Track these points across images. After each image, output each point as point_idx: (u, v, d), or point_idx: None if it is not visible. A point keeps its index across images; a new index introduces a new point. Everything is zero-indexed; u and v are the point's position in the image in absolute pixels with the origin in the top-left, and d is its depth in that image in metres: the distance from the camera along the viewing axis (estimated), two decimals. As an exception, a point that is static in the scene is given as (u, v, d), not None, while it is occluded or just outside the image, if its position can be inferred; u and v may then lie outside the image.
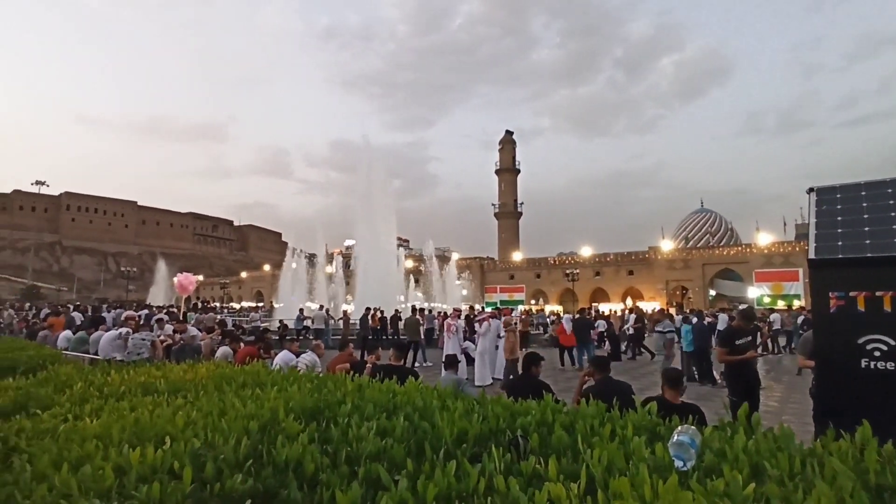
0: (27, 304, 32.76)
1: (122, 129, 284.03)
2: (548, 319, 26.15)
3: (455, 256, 52.03)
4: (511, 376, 11.49)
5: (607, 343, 18.38)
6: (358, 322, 20.54)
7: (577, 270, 52.28)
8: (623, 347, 18.88)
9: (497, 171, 78.70)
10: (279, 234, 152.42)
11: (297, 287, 36.37)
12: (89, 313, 21.00)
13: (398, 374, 3.51)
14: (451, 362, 7.32)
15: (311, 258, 40.62)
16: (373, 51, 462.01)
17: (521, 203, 78.30)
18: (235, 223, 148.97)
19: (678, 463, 1.31)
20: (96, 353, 11.05)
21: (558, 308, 43.42)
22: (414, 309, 18.89)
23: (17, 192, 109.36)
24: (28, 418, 1.95)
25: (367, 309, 20.22)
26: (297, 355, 7.45)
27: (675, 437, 1.37)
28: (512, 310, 16.35)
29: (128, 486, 1.23)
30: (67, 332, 14.63)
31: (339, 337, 19.35)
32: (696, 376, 12.17)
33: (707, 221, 69.43)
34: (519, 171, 79.16)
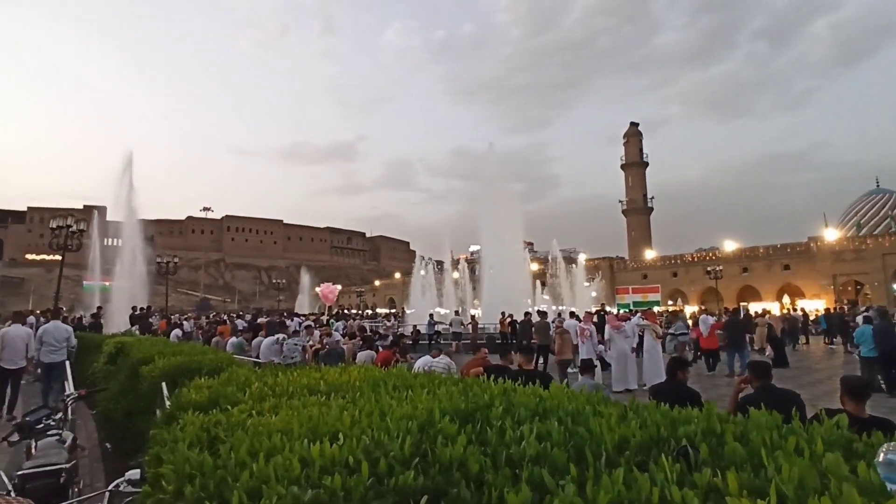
0: (202, 315, 37.65)
1: (268, 155, 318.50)
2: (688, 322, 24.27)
3: (582, 257, 50.41)
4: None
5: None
6: (487, 326, 20.75)
7: (721, 267, 47.54)
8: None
9: (623, 166, 74.91)
10: (407, 243, 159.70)
11: (427, 293, 37.75)
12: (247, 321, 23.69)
13: (532, 378, 3.48)
14: (587, 367, 7.11)
15: (439, 265, 41.98)
16: (488, 58, 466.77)
17: (652, 198, 73.63)
18: (367, 235, 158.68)
19: (892, 486, 1.13)
20: (258, 357, 12.45)
21: (695, 309, 40.08)
22: (541, 313, 18.62)
23: (189, 218, 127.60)
24: (221, 413, 2.23)
25: (502, 313, 20.31)
26: (435, 359, 7.73)
27: (884, 456, 1.18)
28: (651, 311, 15.39)
29: (312, 476, 1.35)
30: (234, 338, 16.66)
31: (470, 341, 19.70)
32: (883, 386, 10.41)
33: (886, 203, 59.18)
34: (647, 165, 74.63)
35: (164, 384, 4.95)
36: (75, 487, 3.80)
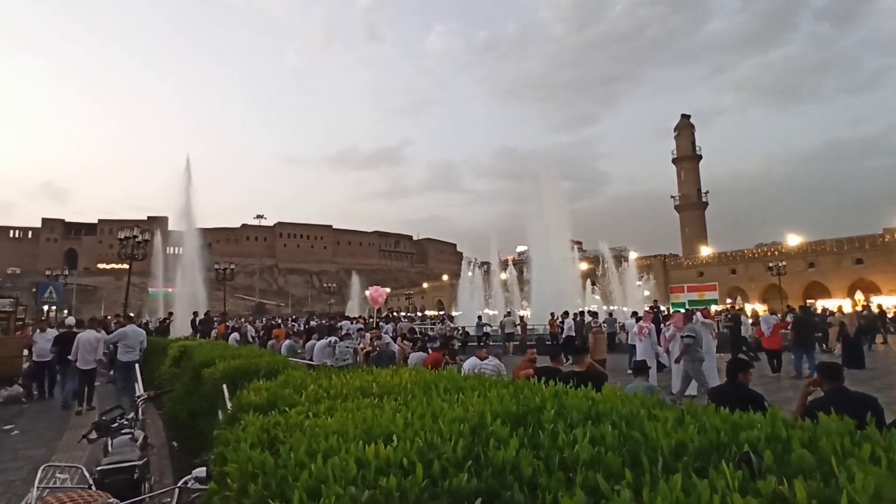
0: (257, 319, 39.01)
1: (317, 162, 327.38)
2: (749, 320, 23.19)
3: (633, 256, 49.00)
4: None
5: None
6: (536, 327, 20.52)
7: (784, 262, 44.96)
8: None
9: (675, 160, 72.26)
10: (454, 245, 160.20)
11: (475, 295, 37.72)
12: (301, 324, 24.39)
13: (585, 381, 3.42)
14: (641, 368, 6.91)
15: (486, 266, 41.87)
16: (531, 56, 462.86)
17: (706, 192, 70.63)
18: (414, 238, 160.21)
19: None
20: (311, 359, 12.81)
21: (761, 307, 38.19)
22: (591, 313, 18.24)
23: (244, 226, 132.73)
24: (280, 414, 2.32)
25: (552, 314, 20.06)
26: (483, 361, 7.72)
27: None
28: (707, 310, 14.82)
29: (368, 477, 1.39)
30: (287, 341, 17.21)
31: (520, 342, 19.55)
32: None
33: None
34: (700, 158, 71.72)
35: (224, 386, 5.18)
36: (147, 483, 4.02)
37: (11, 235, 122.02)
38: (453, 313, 40.17)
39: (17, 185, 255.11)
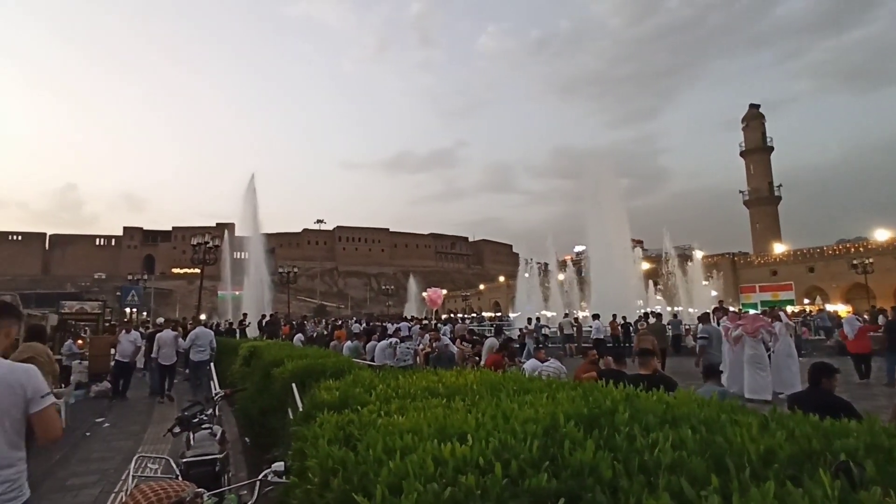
0: (321, 320, 40.25)
1: (374, 167, 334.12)
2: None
3: (699, 254, 46.85)
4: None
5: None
6: (595, 329, 20.05)
7: (871, 259, 41.27)
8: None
9: (743, 153, 68.38)
10: (510, 246, 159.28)
11: (532, 296, 37.29)
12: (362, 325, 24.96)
13: (654, 384, 3.30)
14: (712, 372, 6.62)
15: (543, 267, 41.29)
16: (586, 52, 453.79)
17: (779, 186, 66.28)
18: (470, 239, 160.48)
19: None
20: (372, 360, 13.09)
21: (844, 308, 35.58)
22: (656, 314, 17.62)
23: (305, 230, 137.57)
24: (352, 413, 2.40)
25: (613, 316, 19.56)
26: (543, 363, 7.64)
27: None
28: (780, 310, 13.95)
29: (446, 475, 1.41)
30: (349, 342, 17.64)
31: (585, 345, 19.15)
32: None
33: None
34: (771, 149, 67.49)
35: (293, 385, 5.39)
36: (227, 475, 4.25)
37: (97, 243, 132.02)
38: (510, 314, 39.86)
39: (101, 198, 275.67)
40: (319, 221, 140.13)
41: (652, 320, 17.46)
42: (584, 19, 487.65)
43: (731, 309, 16.72)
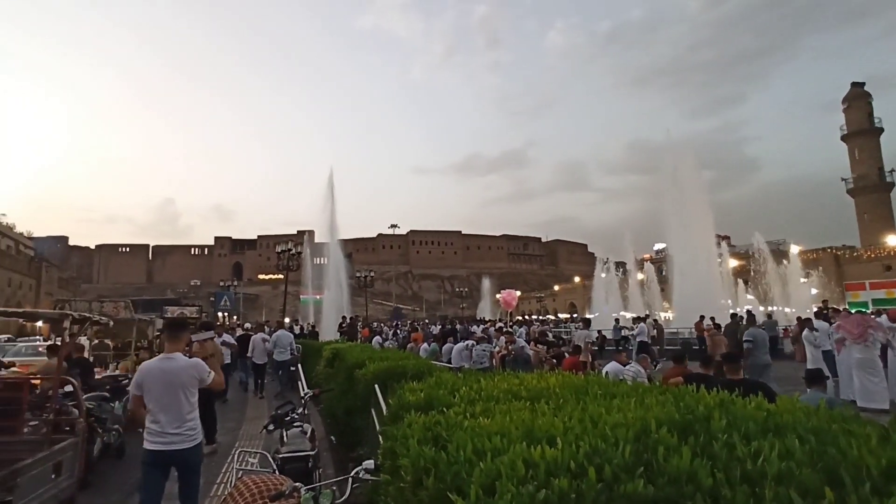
0: (396, 323, 41.21)
1: (445, 171, 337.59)
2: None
3: (795, 249, 43.26)
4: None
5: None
6: (681, 331, 19.09)
7: None
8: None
9: (845, 137, 61.88)
10: (585, 246, 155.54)
11: (610, 296, 36.10)
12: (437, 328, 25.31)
13: (751, 390, 3.12)
14: (816, 377, 6.13)
15: (621, 266, 39.87)
16: (661, 40, 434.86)
17: (890, 171, 59.30)
18: (543, 239, 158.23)
19: None
20: (449, 362, 13.25)
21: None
22: (750, 315, 16.49)
23: (380, 235, 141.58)
24: (439, 414, 2.46)
25: (701, 317, 18.55)
26: (624, 366, 7.40)
27: None
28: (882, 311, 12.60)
29: (539, 477, 1.43)
30: (425, 344, 17.95)
31: (669, 348, 18.36)
32: None
33: None
34: (880, 131, 60.59)
35: (376, 386, 5.58)
36: (318, 472, 4.49)
37: (192, 253, 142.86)
38: (587, 315, 38.82)
39: (195, 210, 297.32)
40: (393, 226, 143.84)
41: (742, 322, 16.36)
42: (657, 6, 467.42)
43: (844, 309, 15.31)
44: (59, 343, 10.85)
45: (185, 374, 4.38)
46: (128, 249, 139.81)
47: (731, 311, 20.14)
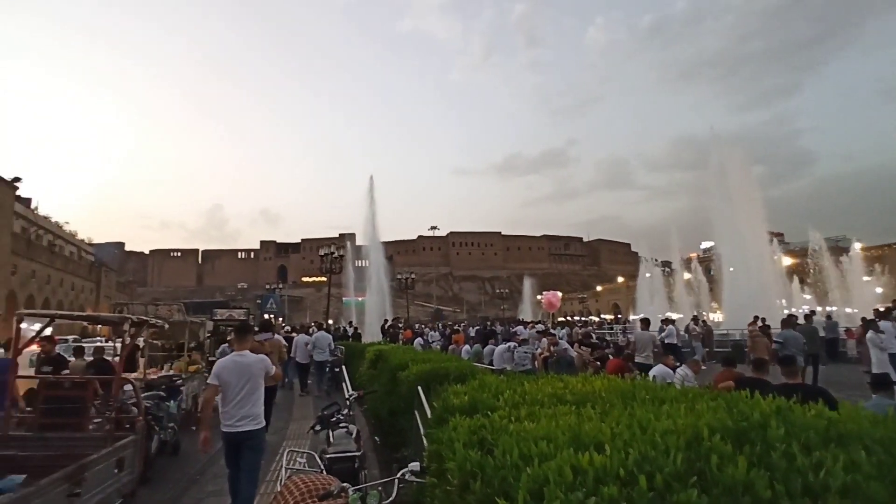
0: (442, 324, 41.41)
1: (485, 172, 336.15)
2: None
3: (857, 246, 40.92)
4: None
5: None
6: (732, 332, 18.39)
7: None
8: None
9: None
10: (628, 245, 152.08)
11: (655, 297, 35.08)
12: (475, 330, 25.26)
13: (811, 396, 2.97)
14: (882, 382, 5.78)
15: (666, 266, 38.69)
16: (707, 31, 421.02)
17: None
18: (585, 239, 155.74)
19: None
20: (490, 364, 13.19)
21: None
22: (808, 316, 15.73)
23: (420, 237, 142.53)
24: (483, 417, 2.46)
25: (755, 317, 17.81)
26: (673, 369, 7.18)
27: None
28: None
29: (587, 484, 1.41)
30: (467, 346, 17.94)
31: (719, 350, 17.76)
32: None
33: None
34: (949, 118, 56.50)
35: (419, 388, 5.62)
36: (363, 472, 4.56)
37: (239, 256, 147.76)
38: (631, 317, 37.88)
39: (242, 215, 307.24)
40: (433, 228, 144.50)
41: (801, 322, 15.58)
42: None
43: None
44: (83, 345, 11.50)
45: (255, 368, 5.15)
46: (179, 254, 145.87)
47: (787, 312, 19.24)
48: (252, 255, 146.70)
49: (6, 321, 33.48)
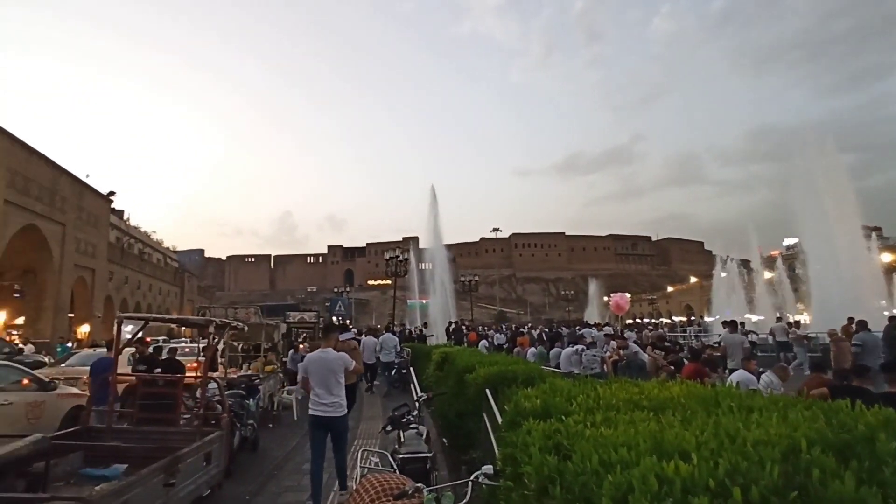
0: (503, 326, 41.20)
1: (546, 172, 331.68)
2: None
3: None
4: None
5: None
6: (820, 336, 17.08)
7: None
8: None
9: None
10: (701, 244, 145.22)
11: (733, 297, 33.09)
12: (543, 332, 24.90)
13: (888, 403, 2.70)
14: None
15: (744, 264, 36.43)
16: (785, 13, 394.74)
17: None
18: (653, 238, 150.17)
19: None
20: (557, 367, 12.96)
21: None
22: (893, 318, 14.31)
23: (483, 239, 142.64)
24: (558, 422, 2.42)
25: (849, 319, 16.45)
26: (757, 375, 6.76)
27: None
28: None
29: (674, 494, 1.36)
30: (532, 348, 17.74)
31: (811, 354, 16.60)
32: None
33: None
34: None
35: (487, 390, 5.61)
36: (435, 473, 4.61)
37: (308, 261, 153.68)
38: (706, 319, 35.98)
39: (310, 221, 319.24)
40: (495, 230, 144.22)
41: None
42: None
43: None
44: (161, 346, 12.30)
45: (336, 363, 5.97)
46: (253, 259, 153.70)
47: (888, 314, 17.60)
48: (320, 259, 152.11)
49: (105, 323, 36.61)
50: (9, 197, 26.33)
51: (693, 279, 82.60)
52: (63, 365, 13.77)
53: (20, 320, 31.64)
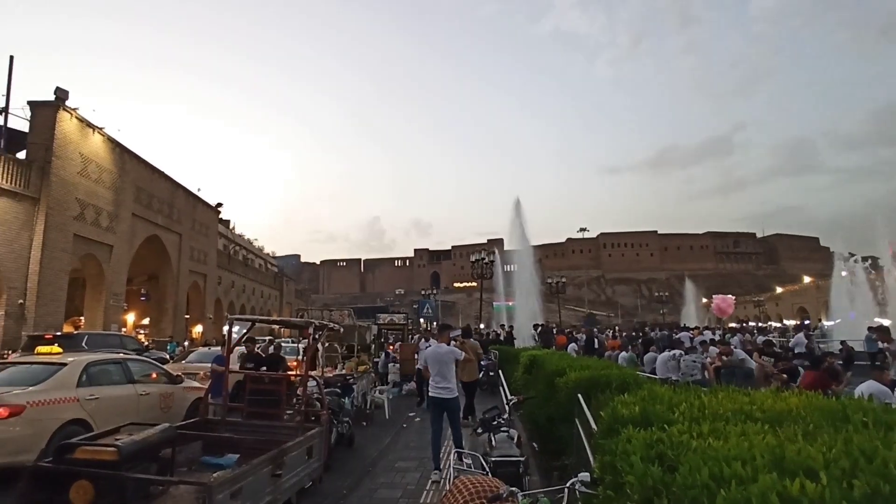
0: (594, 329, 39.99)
1: (637, 168, 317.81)
2: None
3: None
4: None
5: None
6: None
7: None
8: None
9: None
10: (816, 240, 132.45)
11: (856, 298, 29.66)
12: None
13: None
14: None
15: (871, 262, 32.56)
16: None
17: None
18: (759, 235, 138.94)
19: None
20: (652, 372, 12.32)
21: None
22: None
23: (569, 240, 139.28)
24: (659, 431, 2.30)
25: None
26: (891, 387, 6.00)
27: None
28: None
29: (801, 516, 1.24)
30: (623, 352, 17.02)
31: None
32: None
33: None
34: None
35: (579, 395, 5.46)
36: (527, 478, 4.56)
37: (395, 265, 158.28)
38: (825, 322, 32.55)
39: (397, 226, 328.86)
40: (583, 230, 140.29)
41: None
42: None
43: None
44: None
45: (448, 355, 7.22)
46: (344, 263, 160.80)
47: None
48: (407, 262, 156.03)
49: (215, 324, 39.96)
50: (136, 211, 29.54)
51: (807, 279, 75.30)
52: (183, 361, 15.16)
53: (146, 321, 35.49)
